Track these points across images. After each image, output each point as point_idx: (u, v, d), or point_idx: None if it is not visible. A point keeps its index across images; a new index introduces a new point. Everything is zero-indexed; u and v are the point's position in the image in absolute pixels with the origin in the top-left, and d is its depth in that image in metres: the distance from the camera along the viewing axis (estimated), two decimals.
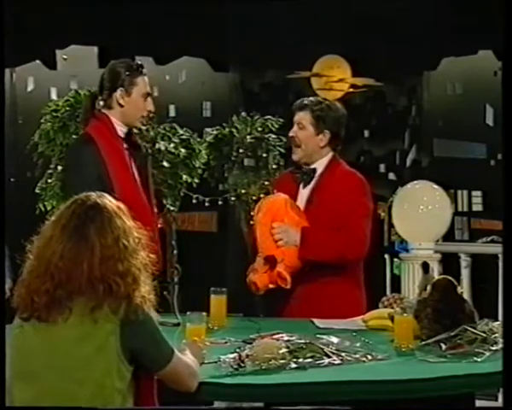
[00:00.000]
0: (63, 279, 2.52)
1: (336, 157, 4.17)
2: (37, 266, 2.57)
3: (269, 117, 6.68)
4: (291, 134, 4.18)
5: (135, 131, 4.07)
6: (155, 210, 4.06)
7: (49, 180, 6.01)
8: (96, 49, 7.47)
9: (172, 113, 7.59)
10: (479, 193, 7.60)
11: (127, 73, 3.93)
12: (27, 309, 2.57)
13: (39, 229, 2.62)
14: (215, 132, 6.68)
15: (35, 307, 2.55)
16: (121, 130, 3.96)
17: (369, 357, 3.03)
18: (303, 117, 4.14)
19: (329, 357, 2.97)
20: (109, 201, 2.64)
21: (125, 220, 2.61)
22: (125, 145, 3.96)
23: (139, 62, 4.04)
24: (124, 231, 2.58)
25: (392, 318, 3.39)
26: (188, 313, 3.35)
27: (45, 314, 2.54)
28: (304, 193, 4.13)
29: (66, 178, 4.10)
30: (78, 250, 2.53)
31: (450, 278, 3.36)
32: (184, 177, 6.20)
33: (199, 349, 2.91)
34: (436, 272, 5.76)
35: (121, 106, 3.93)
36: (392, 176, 7.90)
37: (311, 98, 4.25)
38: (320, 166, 4.14)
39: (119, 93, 3.92)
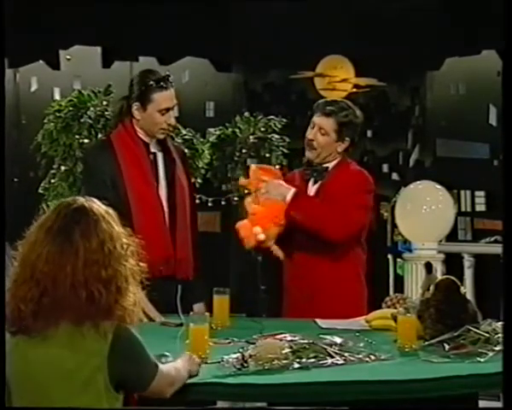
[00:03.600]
0: (49, 286, 2.43)
1: (345, 156, 4.16)
2: (23, 273, 2.47)
3: (272, 117, 6.69)
4: (310, 137, 4.07)
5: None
6: (184, 211, 3.97)
7: (53, 180, 6.02)
8: (99, 49, 7.48)
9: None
10: (482, 193, 7.61)
11: (148, 86, 3.85)
12: (15, 321, 2.47)
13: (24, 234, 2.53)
14: (218, 132, 6.69)
15: (22, 317, 2.45)
16: (144, 137, 3.95)
17: (373, 357, 3.03)
18: (326, 123, 4.04)
19: (332, 357, 2.96)
20: (97, 205, 2.55)
21: (112, 225, 2.52)
22: (151, 150, 3.95)
23: (165, 75, 3.91)
24: (110, 235, 2.50)
25: (395, 318, 3.38)
26: (191, 312, 3.35)
27: (32, 325, 2.45)
28: (313, 189, 4.13)
29: (81, 179, 4.23)
30: (62, 253, 2.44)
31: (453, 278, 3.35)
32: None
33: (195, 363, 2.80)
34: (439, 272, 5.75)
35: (137, 119, 3.92)
36: (395, 176, 7.90)
37: (337, 103, 4.11)
38: (331, 164, 4.14)
39: (134, 107, 3.90)
